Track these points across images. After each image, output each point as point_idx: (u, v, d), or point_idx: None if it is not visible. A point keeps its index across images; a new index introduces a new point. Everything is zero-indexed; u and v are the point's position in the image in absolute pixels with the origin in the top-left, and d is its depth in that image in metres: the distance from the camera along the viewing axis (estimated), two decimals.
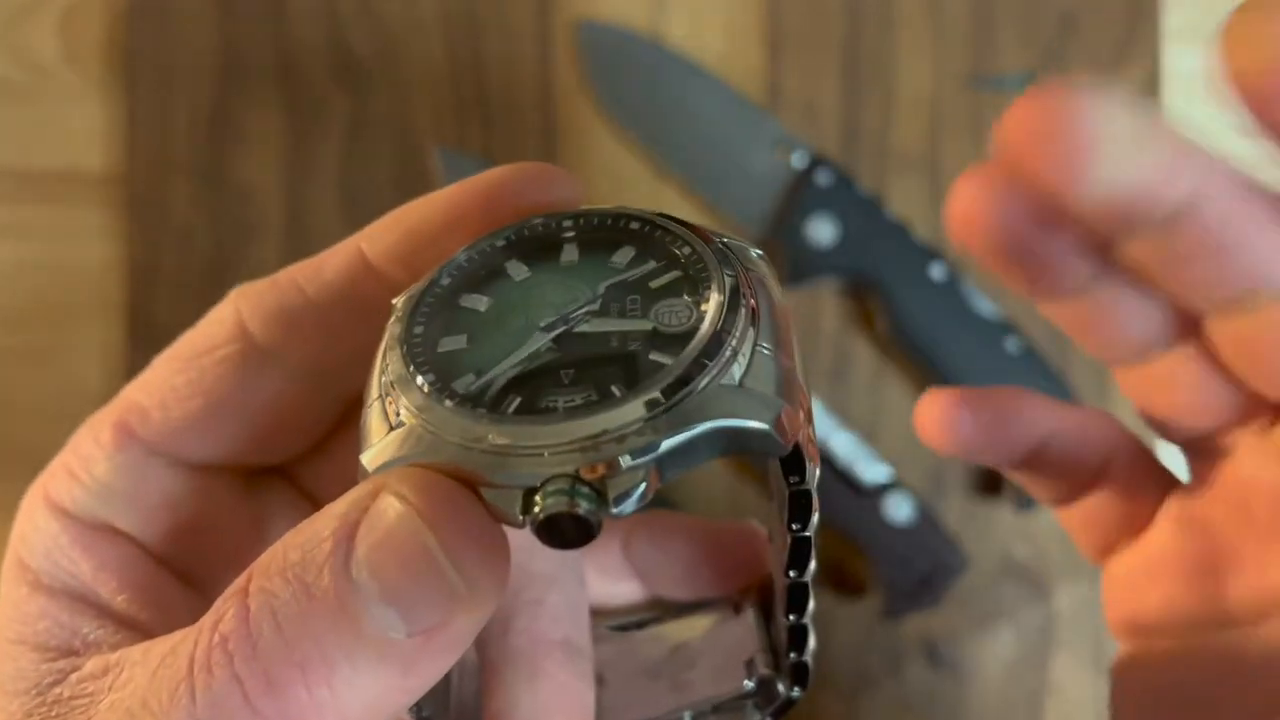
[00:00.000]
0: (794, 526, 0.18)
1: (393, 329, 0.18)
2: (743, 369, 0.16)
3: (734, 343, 0.16)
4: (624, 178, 0.43)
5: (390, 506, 0.15)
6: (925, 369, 0.42)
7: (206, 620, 0.16)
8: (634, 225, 0.19)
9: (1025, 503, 0.42)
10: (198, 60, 0.43)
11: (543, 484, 0.15)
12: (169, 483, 0.20)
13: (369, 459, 0.16)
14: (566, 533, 0.15)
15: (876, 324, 0.42)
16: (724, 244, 0.18)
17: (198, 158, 0.42)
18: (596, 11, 0.43)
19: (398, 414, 0.16)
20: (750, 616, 0.23)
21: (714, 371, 0.16)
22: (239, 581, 0.16)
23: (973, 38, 0.43)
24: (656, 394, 0.16)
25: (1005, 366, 0.41)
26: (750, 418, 0.16)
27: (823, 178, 0.42)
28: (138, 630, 0.19)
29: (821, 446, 0.41)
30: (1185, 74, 0.43)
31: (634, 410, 0.15)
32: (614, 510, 0.15)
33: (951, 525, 0.42)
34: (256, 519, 0.22)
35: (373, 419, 0.17)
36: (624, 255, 0.18)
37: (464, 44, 0.43)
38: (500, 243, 0.19)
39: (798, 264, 0.42)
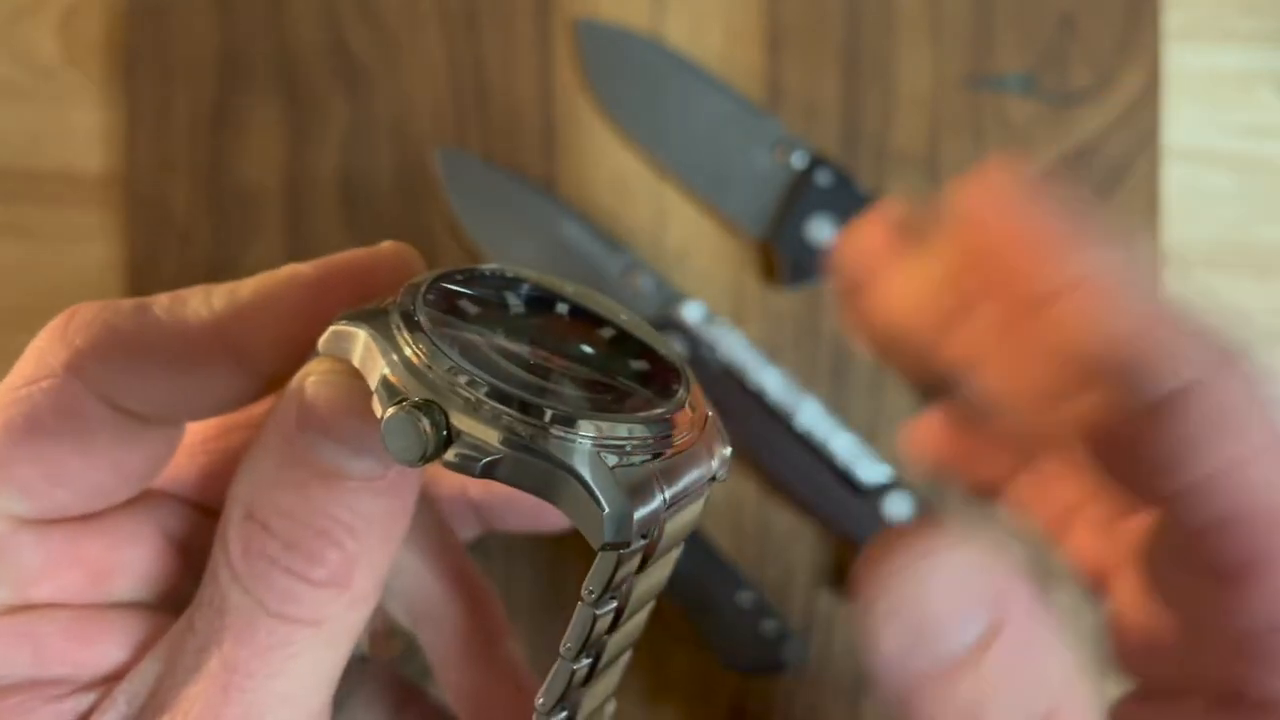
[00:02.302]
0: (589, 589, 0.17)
1: (407, 288, 0.18)
2: (626, 460, 0.17)
3: (643, 433, 0.17)
4: (624, 178, 0.43)
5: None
6: None
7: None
8: (624, 317, 0.20)
9: None
10: (198, 60, 0.43)
11: (420, 400, 0.16)
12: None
13: (336, 323, 0.18)
14: (393, 437, 0.16)
15: None
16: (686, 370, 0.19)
17: (198, 158, 0.42)
18: (596, 11, 0.43)
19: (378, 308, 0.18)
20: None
21: (606, 438, 0.16)
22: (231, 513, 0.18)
23: (972, 38, 0.43)
24: (549, 410, 0.16)
25: None
26: (605, 494, 0.16)
27: (823, 178, 0.42)
28: None
29: (822, 447, 0.41)
30: (1185, 74, 0.43)
31: (518, 408, 0.16)
32: (447, 456, 0.16)
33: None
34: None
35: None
36: (608, 331, 0.20)
37: (464, 44, 0.43)
38: (508, 274, 0.20)
39: (798, 264, 0.42)
